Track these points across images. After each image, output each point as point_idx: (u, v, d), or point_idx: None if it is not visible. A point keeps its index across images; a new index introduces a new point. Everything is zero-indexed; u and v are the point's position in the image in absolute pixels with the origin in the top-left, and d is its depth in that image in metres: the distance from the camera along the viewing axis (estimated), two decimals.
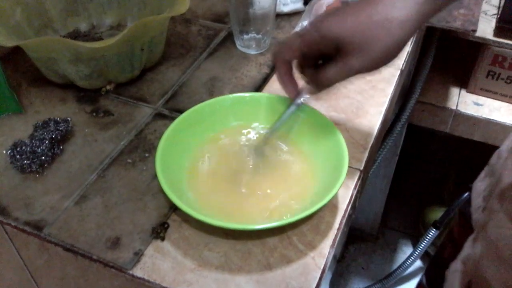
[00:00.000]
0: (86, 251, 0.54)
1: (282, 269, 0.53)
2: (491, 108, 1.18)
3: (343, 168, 0.56)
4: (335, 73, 0.53)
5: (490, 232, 0.60)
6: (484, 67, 1.14)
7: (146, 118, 0.70)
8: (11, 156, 0.63)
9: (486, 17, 1.12)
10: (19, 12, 0.75)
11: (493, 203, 0.62)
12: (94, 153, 0.65)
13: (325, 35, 0.52)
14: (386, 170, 1.39)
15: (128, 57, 0.71)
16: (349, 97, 0.74)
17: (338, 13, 0.52)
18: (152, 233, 0.56)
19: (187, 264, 0.53)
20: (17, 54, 0.80)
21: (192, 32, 0.88)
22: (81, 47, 0.66)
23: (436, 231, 1.29)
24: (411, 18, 0.49)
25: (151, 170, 0.62)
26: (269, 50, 0.83)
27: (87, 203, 0.59)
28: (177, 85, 0.76)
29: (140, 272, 0.52)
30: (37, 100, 0.74)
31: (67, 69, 0.70)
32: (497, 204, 0.60)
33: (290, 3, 0.91)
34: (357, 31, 0.50)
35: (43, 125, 0.66)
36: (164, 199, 0.59)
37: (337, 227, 0.57)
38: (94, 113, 0.71)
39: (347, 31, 0.50)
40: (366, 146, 0.67)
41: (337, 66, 0.52)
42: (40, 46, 0.68)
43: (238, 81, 0.77)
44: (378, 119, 0.71)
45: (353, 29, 0.50)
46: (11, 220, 0.57)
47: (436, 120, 1.24)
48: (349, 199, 0.60)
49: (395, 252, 1.60)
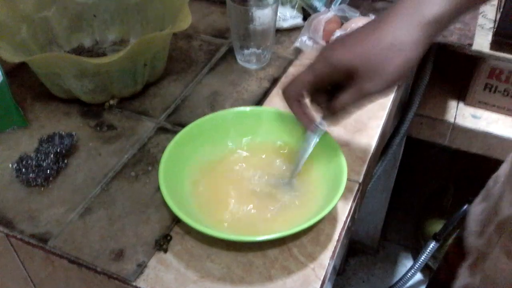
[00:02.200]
0: (90, 263, 0.55)
1: (283, 280, 0.53)
2: (489, 120, 1.20)
3: (342, 181, 0.57)
4: (349, 98, 0.53)
5: (488, 266, 0.60)
6: (481, 80, 1.16)
7: (149, 132, 0.72)
8: (17, 170, 0.64)
9: (483, 30, 1.13)
10: (24, 29, 0.77)
11: (492, 233, 0.62)
12: (98, 167, 0.66)
13: (336, 65, 0.52)
14: (386, 183, 1.40)
15: (131, 72, 0.73)
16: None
17: (345, 42, 0.52)
18: (155, 245, 0.56)
19: (190, 275, 0.54)
20: (23, 69, 0.81)
21: (193, 47, 0.90)
22: (86, 63, 0.67)
23: (436, 243, 1.29)
24: (419, 40, 0.50)
25: (154, 183, 0.63)
26: (270, 65, 0.85)
27: (91, 215, 0.60)
28: (179, 99, 0.78)
29: (144, 284, 0.53)
30: (42, 114, 0.75)
31: (71, 84, 0.71)
32: (495, 235, 0.60)
33: (290, 19, 0.93)
34: (368, 57, 0.50)
35: (48, 139, 0.67)
36: (166, 211, 0.60)
37: (336, 238, 0.58)
38: (98, 127, 0.73)
39: (357, 58, 0.51)
40: (365, 159, 0.68)
41: (350, 92, 0.52)
42: (45, 62, 0.70)
43: (239, 96, 0.78)
44: (377, 132, 0.72)
45: (364, 56, 0.50)
46: (16, 232, 0.58)
47: (434, 133, 1.25)
48: (348, 211, 0.61)
49: (396, 265, 1.60)
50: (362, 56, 0.50)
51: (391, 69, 0.50)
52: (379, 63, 0.50)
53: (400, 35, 0.50)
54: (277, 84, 0.80)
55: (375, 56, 0.50)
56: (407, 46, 0.50)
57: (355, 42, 0.51)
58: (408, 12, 0.50)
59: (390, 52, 0.50)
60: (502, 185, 0.65)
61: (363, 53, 0.50)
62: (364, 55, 0.50)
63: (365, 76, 0.51)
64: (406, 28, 0.50)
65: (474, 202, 0.73)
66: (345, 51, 0.52)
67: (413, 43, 0.50)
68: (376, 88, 0.51)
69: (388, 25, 0.50)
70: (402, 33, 0.50)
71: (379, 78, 0.51)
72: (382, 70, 0.50)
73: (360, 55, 0.51)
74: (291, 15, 0.93)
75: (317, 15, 0.89)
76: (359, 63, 0.51)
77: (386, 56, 0.50)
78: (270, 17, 0.79)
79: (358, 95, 0.52)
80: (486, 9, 1.19)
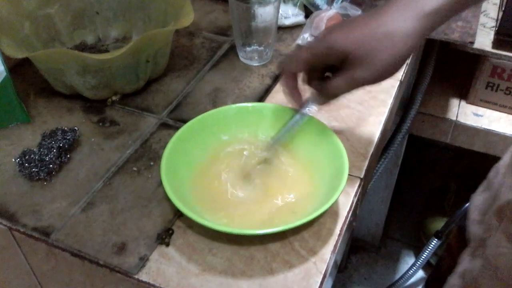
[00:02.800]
0: (92, 256, 0.55)
1: (284, 273, 0.54)
2: (490, 119, 1.20)
3: (343, 176, 0.57)
4: (341, 84, 0.54)
5: (489, 251, 0.61)
6: (483, 78, 1.16)
7: (151, 128, 0.72)
8: (20, 164, 0.64)
9: (485, 29, 1.13)
10: (27, 25, 0.77)
11: (491, 219, 0.62)
12: (101, 162, 0.67)
13: (332, 47, 0.53)
14: (388, 180, 1.40)
15: (133, 69, 0.73)
16: (350, 107, 0.76)
17: (344, 26, 0.54)
18: (157, 239, 0.57)
19: (192, 269, 0.54)
20: (26, 65, 0.82)
21: (195, 44, 0.90)
22: (89, 59, 0.68)
23: (438, 241, 1.30)
24: (414, 31, 0.50)
25: (156, 178, 0.64)
26: (271, 62, 0.85)
27: (94, 210, 0.60)
28: (181, 95, 0.78)
29: (146, 277, 0.53)
30: (45, 110, 0.75)
31: (74, 80, 0.72)
32: (495, 221, 0.61)
33: (292, 16, 0.93)
34: (362, 43, 0.51)
35: (50, 134, 0.68)
36: (168, 206, 0.60)
37: (338, 233, 0.58)
38: (101, 123, 0.73)
39: (352, 43, 0.52)
40: (367, 155, 0.68)
41: (342, 77, 0.54)
42: (49, 57, 0.70)
43: (240, 92, 0.79)
44: (378, 128, 0.72)
45: (358, 42, 0.52)
46: (19, 226, 0.59)
47: (436, 130, 1.25)
48: (350, 206, 0.61)
49: (397, 262, 1.60)
50: (357, 42, 0.52)
51: (383, 57, 0.51)
52: (371, 50, 0.51)
53: (396, 25, 0.50)
54: (278, 81, 0.81)
55: (369, 44, 0.51)
56: (402, 37, 0.50)
57: (352, 28, 0.53)
58: (407, 3, 0.51)
59: (384, 41, 0.51)
60: (503, 175, 0.66)
61: (357, 39, 0.52)
62: (358, 40, 0.51)
63: (357, 63, 0.52)
64: (403, 18, 0.50)
65: (476, 192, 0.74)
66: (341, 35, 0.53)
67: (407, 34, 0.50)
68: (366, 77, 0.52)
69: (385, 15, 0.51)
70: (398, 24, 0.50)
71: (370, 67, 0.52)
72: (374, 57, 0.51)
73: (354, 41, 0.52)
74: (293, 12, 0.93)
75: (319, 12, 0.89)
76: (352, 48, 0.52)
77: (380, 44, 0.51)
78: (272, 15, 0.79)
79: (350, 81, 0.53)
80: (488, 8, 1.20)
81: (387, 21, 0.51)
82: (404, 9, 0.51)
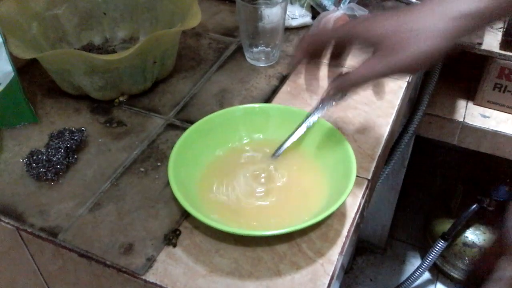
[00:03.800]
0: (100, 257, 0.55)
1: (291, 275, 0.54)
2: (498, 120, 1.19)
3: (351, 177, 0.57)
4: (376, 64, 0.54)
5: None
6: (490, 79, 1.16)
7: (158, 129, 0.72)
8: (27, 164, 0.64)
9: (493, 30, 1.13)
10: (35, 26, 0.78)
11: None
12: (108, 162, 0.67)
13: (360, 33, 0.54)
14: (394, 181, 1.40)
15: (140, 70, 0.73)
16: (357, 109, 0.75)
17: (375, 17, 0.55)
18: (164, 240, 0.57)
19: (199, 270, 0.54)
20: (33, 66, 0.82)
21: (202, 45, 0.90)
22: (96, 60, 0.68)
23: (445, 242, 1.29)
24: (445, 32, 0.51)
25: (163, 178, 0.64)
26: (279, 63, 0.85)
27: (101, 210, 0.60)
28: (188, 96, 0.78)
29: (153, 278, 0.53)
30: (52, 110, 0.76)
31: (81, 80, 0.72)
32: None
33: (299, 17, 0.93)
34: (393, 32, 0.52)
35: (58, 135, 0.68)
36: (175, 206, 0.60)
37: (345, 234, 0.58)
38: (108, 123, 0.73)
39: (383, 29, 0.53)
40: (374, 156, 0.68)
41: (378, 58, 0.54)
42: (56, 58, 0.71)
43: (247, 93, 0.79)
44: (386, 130, 0.72)
45: (389, 30, 0.52)
46: (26, 226, 0.59)
47: (443, 132, 1.24)
48: (357, 207, 0.61)
49: (403, 264, 1.60)
50: (387, 30, 0.52)
51: (408, 52, 0.51)
52: (399, 42, 0.52)
53: (423, 23, 0.51)
54: (285, 82, 0.81)
55: (398, 34, 0.52)
56: (432, 35, 0.51)
57: (386, 18, 0.53)
58: (437, 4, 0.52)
59: (413, 35, 0.51)
60: None
61: (388, 28, 0.52)
62: (389, 28, 0.52)
63: (384, 51, 0.52)
64: (431, 18, 0.51)
65: None
66: (374, 23, 0.54)
67: (440, 33, 0.51)
68: (390, 66, 0.53)
69: (416, 12, 0.52)
70: (425, 22, 0.51)
71: (397, 56, 0.52)
72: (400, 49, 0.52)
73: (386, 28, 0.53)
74: (300, 13, 0.93)
75: (326, 13, 0.89)
76: (382, 34, 0.53)
77: (408, 38, 0.51)
78: (279, 16, 0.79)
79: (385, 62, 0.53)
80: None
81: (419, 18, 0.52)
82: (435, 9, 0.51)
